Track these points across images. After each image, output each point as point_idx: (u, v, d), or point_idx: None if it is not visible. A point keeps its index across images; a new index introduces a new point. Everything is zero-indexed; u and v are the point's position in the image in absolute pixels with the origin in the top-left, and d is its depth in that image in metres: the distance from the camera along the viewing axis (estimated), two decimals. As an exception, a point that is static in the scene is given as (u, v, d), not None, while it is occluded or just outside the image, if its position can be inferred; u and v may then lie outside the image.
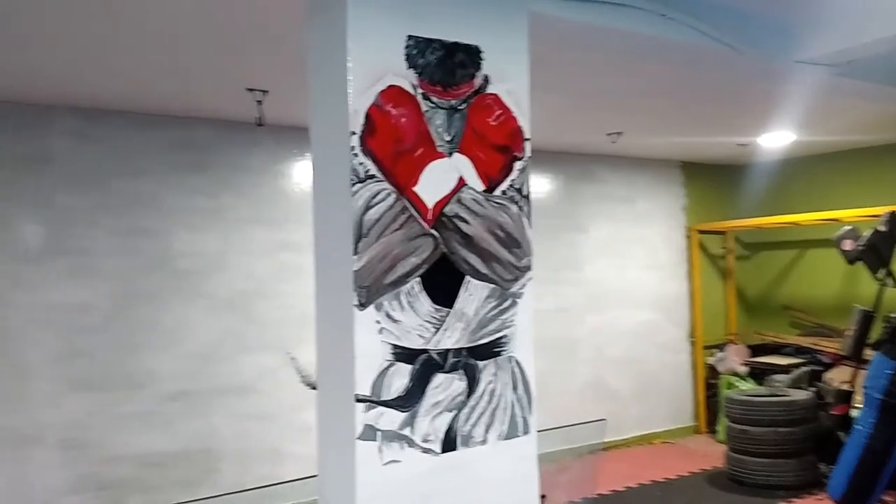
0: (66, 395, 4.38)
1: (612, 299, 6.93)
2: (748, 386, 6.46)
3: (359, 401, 2.12)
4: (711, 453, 6.30)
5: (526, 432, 2.44)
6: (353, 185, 2.12)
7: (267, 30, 3.20)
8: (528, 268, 2.48)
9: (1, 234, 4.24)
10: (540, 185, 6.60)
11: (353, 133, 2.12)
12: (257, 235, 5.05)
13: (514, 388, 2.42)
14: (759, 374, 6.65)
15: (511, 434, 2.40)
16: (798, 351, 6.75)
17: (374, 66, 2.15)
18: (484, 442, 2.34)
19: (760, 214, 7.09)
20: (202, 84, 4.09)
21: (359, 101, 2.13)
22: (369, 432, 2.12)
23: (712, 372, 7.19)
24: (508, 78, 2.42)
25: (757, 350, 7.03)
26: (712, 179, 7.63)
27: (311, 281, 5.36)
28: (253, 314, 5.00)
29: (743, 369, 6.76)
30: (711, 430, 7.14)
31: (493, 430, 2.36)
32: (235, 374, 4.90)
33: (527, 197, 2.48)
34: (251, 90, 4.08)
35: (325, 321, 2.27)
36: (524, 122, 2.46)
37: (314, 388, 5.17)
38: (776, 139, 6.07)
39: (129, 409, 4.57)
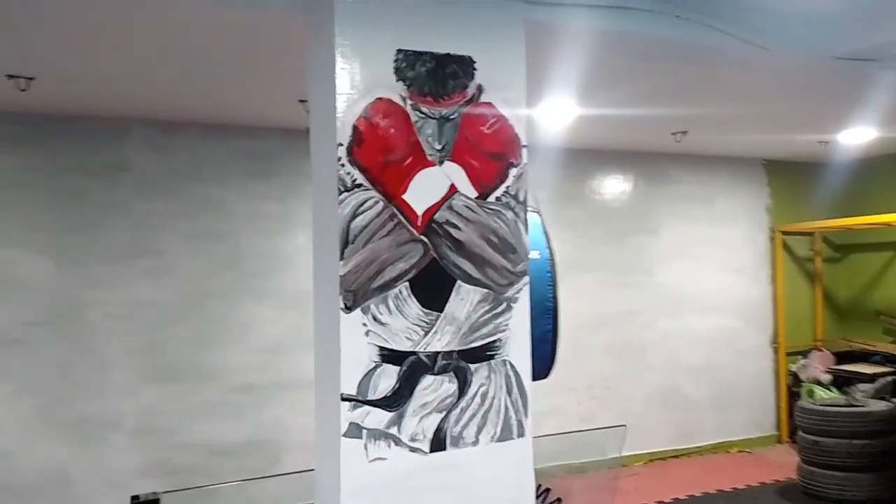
0: (141, 385, 4.74)
1: (685, 303, 6.74)
2: (827, 395, 6.14)
3: (344, 399, 2.23)
4: (788, 464, 6.03)
5: (521, 435, 2.48)
6: (340, 193, 2.23)
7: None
8: (524, 273, 2.52)
9: (85, 237, 4.62)
10: (607, 186, 6.52)
11: (340, 144, 2.23)
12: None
13: (509, 391, 2.46)
14: (842, 382, 6.30)
15: (505, 436, 2.44)
16: (887, 359, 6.35)
17: (362, 79, 2.25)
18: (475, 443, 2.39)
19: (850, 214, 6.71)
20: (263, 96, 4.32)
21: (346, 114, 2.24)
22: (355, 430, 2.23)
23: (795, 380, 6.87)
24: (504, 86, 2.47)
25: (843, 357, 6.65)
26: (798, 178, 7.28)
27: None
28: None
29: (826, 377, 6.43)
30: (794, 439, 6.82)
31: (485, 432, 2.41)
32: (300, 369, 5.11)
33: (524, 203, 2.52)
34: (302, 101, 4.27)
35: (318, 323, 2.40)
36: (521, 129, 2.50)
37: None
38: (857, 136, 5.74)
39: (199, 399, 4.89)
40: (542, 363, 4.68)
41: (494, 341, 2.44)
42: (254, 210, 5.12)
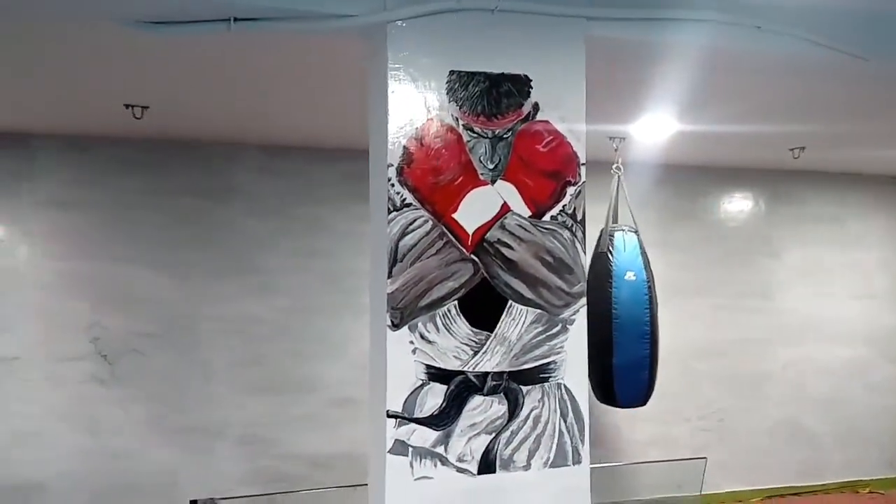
0: (245, 397, 4.98)
1: (809, 331, 6.28)
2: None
3: (390, 416, 2.25)
4: (927, 511, 5.46)
5: (577, 462, 2.40)
6: (390, 213, 2.27)
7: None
8: (581, 294, 2.45)
9: (195, 255, 4.94)
10: (721, 204, 6.22)
11: (391, 165, 2.27)
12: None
13: (564, 415, 2.39)
14: None
15: (559, 462, 2.37)
16: None
17: (413, 101, 2.29)
18: (527, 468, 2.34)
19: None
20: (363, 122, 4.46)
21: (397, 135, 2.28)
22: (400, 447, 2.24)
23: (939, 418, 6.23)
24: (562, 103, 2.43)
25: None
26: (945, 196, 6.63)
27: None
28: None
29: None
30: (938, 484, 6.17)
31: (537, 457, 2.36)
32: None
33: (581, 222, 2.46)
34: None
35: (371, 339, 2.44)
36: (579, 147, 2.45)
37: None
38: None
39: (299, 411, 5.07)
40: (639, 390, 4.58)
41: (548, 363, 2.38)
42: (354, 230, 5.26)
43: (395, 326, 2.25)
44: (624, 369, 4.46)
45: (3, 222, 4.59)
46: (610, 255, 4.53)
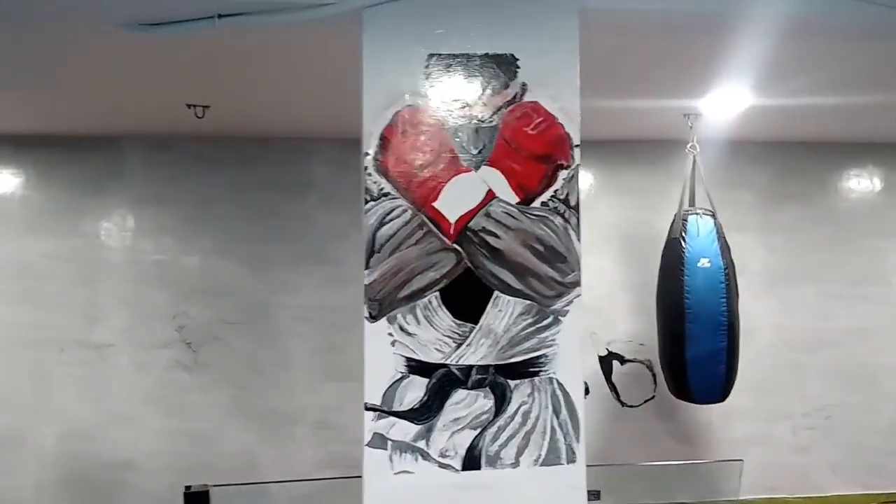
0: (321, 383, 5.11)
1: (935, 320, 5.63)
2: None
3: (368, 409, 2.23)
4: None
5: (571, 461, 2.27)
6: (367, 203, 2.24)
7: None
8: (575, 283, 2.31)
9: (274, 247, 5.11)
10: (831, 183, 5.66)
11: (367, 154, 2.24)
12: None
13: (556, 411, 2.27)
14: None
15: (551, 461, 2.26)
16: None
17: (391, 88, 2.24)
18: (515, 465, 2.25)
19: None
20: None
21: (373, 123, 2.24)
22: (379, 440, 2.22)
23: None
24: (552, 83, 2.30)
25: None
26: None
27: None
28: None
29: None
30: None
31: (527, 454, 2.26)
32: (466, 376, 5.18)
33: (575, 207, 2.32)
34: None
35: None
36: (572, 128, 2.31)
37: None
38: None
39: (373, 400, 5.14)
40: (715, 385, 4.29)
41: (539, 357, 2.27)
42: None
43: (373, 318, 2.23)
44: (698, 362, 4.19)
45: (97, 219, 4.94)
46: (682, 241, 4.26)
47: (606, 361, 5.23)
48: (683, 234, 4.26)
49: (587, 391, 5.26)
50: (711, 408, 4.98)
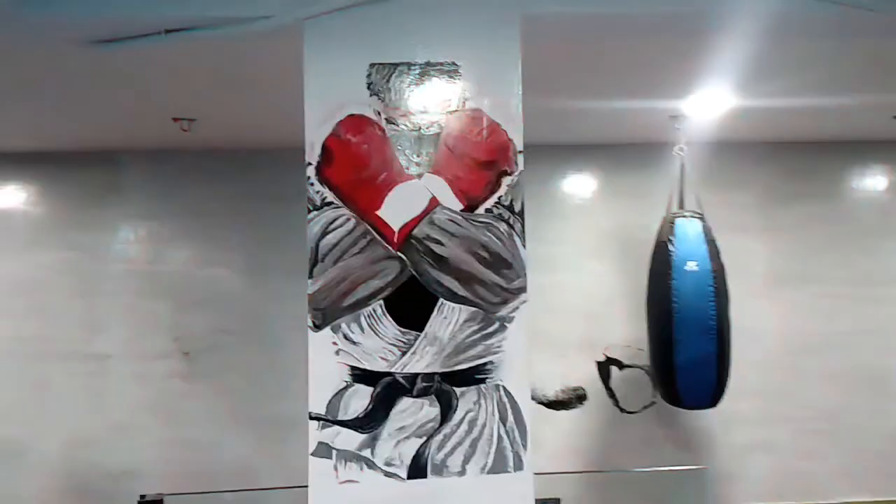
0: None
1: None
2: None
3: (312, 419, 2.24)
4: None
5: (519, 468, 2.26)
6: (310, 212, 2.26)
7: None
8: (521, 289, 2.30)
9: (270, 256, 5.12)
10: (833, 182, 5.54)
11: (310, 164, 2.26)
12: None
13: (503, 419, 2.26)
14: None
15: (498, 469, 2.25)
16: None
17: (332, 97, 2.26)
18: (462, 473, 2.24)
19: None
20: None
21: (315, 133, 2.26)
22: (323, 449, 2.23)
23: None
24: (494, 90, 2.29)
25: None
26: None
27: (535, 296, 5.28)
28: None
29: None
30: None
31: (473, 462, 2.25)
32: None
33: (520, 214, 2.31)
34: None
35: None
36: (515, 134, 2.30)
37: (541, 402, 5.20)
38: None
39: (370, 408, 5.15)
40: (704, 390, 4.23)
41: (485, 364, 2.26)
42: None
43: (317, 327, 2.24)
44: (687, 368, 4.13)
45: (95, 232, 5.03)
46: (670, 244, 4.20)
47: (604, 367, 5.17)
48: (671, 238, 4.21)
49: (585, 397, 5.27)
50: (713, 413, 4.90)
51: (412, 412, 2.23)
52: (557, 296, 5.08)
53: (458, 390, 2.24)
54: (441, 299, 2.25)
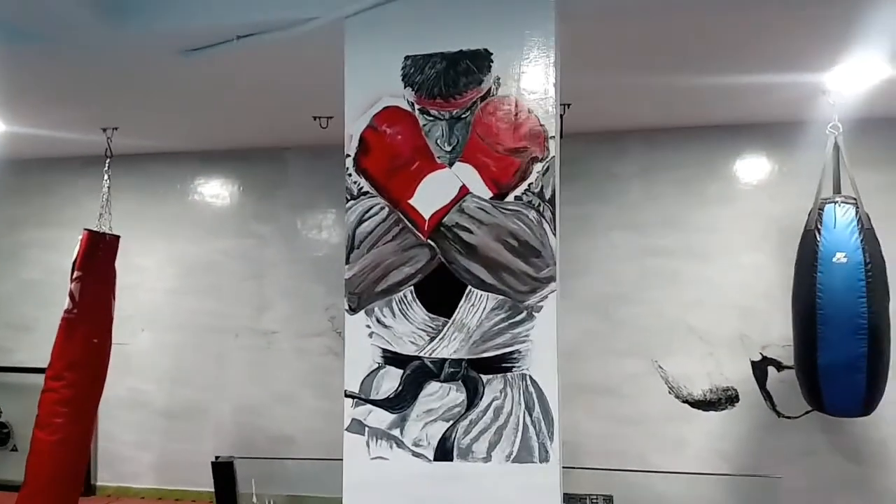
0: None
1: None
2: None
3: (347, 396, 2.37)
4: None
5: (544, 460, 2.22)
6: (348, 202, 2.38)
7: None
8: (550, 278, 2.25)
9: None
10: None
11: (348, 155, 2.38)
12: (623, 241, 5.06)
13: (529, 409, 2.24)
14: None
15: (523, 458, 2.23)
16: None
17: (369, 90, 2.36)
18: (487, 459, 2.25)
19: None
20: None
21: (354, 126, 2.38)
22: (357, 426, 2.35)
23: None
24: (526, 76, 2.26)
25: None
26: None
27: (683, 288, 5.01)
28: (615, 318, 5.03)
29: None
30: None
31: (498, 449, 2.25)
32: (598, 374, 5.04)
33: (550, 200, 2.25)
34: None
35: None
36: (547, 120, 2.25)
37: (685, 401, 4.97)
38: None
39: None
40: (854, 395, 3.78)
41: (512, 353, 2.25)
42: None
43: (353, 310, 2.36)
44: (831, 370, 3.72)
45: (265, 221, 5.57)
46: (817, 234, 3.79)
47: (760, 367, 4.79)
48: (819, 226, 3.80)
49: (737, 398, 4.89)
50: (889, 423, 4.38)
51: (439, 396, 2.28)
52: (707, 288, 4.79)
53: (484, 377, 2.25)
54: (469, 286, 2.27)
